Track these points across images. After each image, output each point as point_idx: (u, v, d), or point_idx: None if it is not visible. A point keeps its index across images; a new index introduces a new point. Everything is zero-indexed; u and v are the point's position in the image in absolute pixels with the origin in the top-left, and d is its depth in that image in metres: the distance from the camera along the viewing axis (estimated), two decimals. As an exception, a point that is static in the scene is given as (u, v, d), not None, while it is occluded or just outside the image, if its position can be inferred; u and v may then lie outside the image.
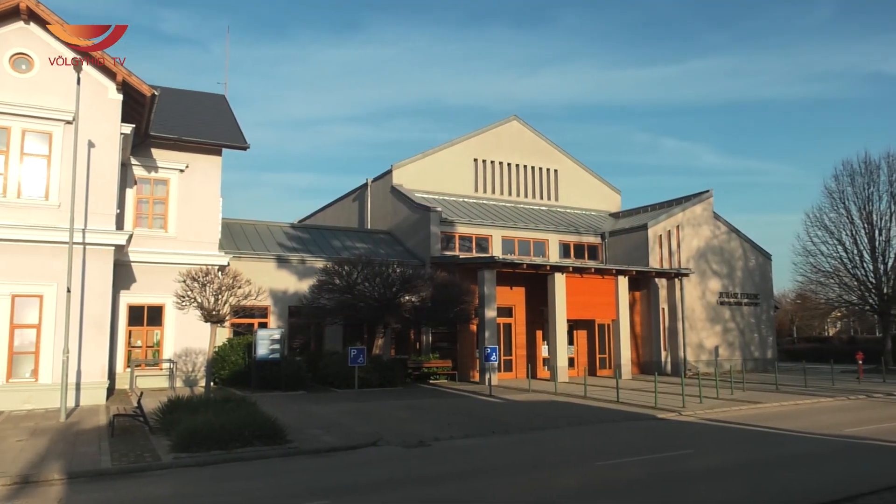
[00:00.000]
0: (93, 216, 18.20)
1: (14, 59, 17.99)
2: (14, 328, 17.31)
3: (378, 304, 22.75)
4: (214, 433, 11.77)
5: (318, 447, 12.33)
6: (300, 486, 9.75)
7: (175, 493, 9.40)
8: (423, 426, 14.71)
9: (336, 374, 22.05)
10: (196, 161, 22.95)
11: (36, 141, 18.06)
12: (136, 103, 19.74)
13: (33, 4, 17.61)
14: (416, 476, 10.42)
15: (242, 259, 24.19)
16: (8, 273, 17.17)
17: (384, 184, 32.98)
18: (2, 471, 10.17)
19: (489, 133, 34.39)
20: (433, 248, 27.94)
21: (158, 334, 21.96)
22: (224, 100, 28.29)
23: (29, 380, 17.32)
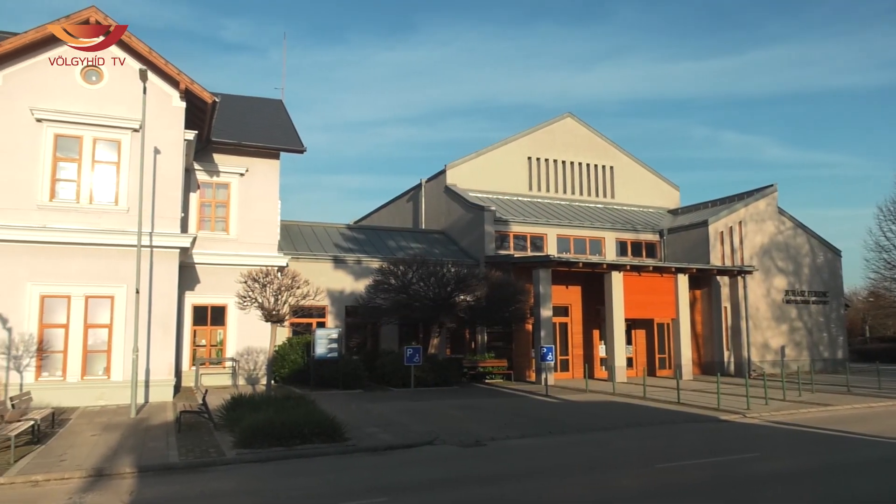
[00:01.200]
0: (159, 220, 18.91)
1: (85, 71, 18.86)
2: (88, 328, 18.15)
3: (433, 304, 22.86)
4: (275, 430, 12.06)
5: (375, 445, 12.48)
6: (358, 483, 9.89)
7: (239, 489, 9.66)
8: (480, 426, 14.70)
9: (392, 373, 22.27)
10: (255, 165, 23.58)
11: (106, 149, 18.89)
12: (198, 110, 20.40)
13: (101, 18, 18.41)
14: (472, 475, 10.42)
15: (300, 260, 24.69)
16: (82, 275, 18.02)
17: (438, 184, 33.12)
18: (78, 464, 10.70)
19: (543, 131, 34.10)
20: (487, 248, 27.89)
21: (221, 334, 22.66)
22: (281, 105, 28.94)
23: (102, 377, 18.12)
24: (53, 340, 17.84)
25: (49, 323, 17.82)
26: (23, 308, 17.45)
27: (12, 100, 17.97)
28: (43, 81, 18.33)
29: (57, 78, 18.50)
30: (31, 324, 17.53)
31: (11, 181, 17.71)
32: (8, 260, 17.34)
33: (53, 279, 17.80)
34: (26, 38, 17.91)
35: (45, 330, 17.74)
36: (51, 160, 18.24)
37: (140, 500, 8.94)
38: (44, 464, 10.76)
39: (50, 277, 17.76)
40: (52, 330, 17.84)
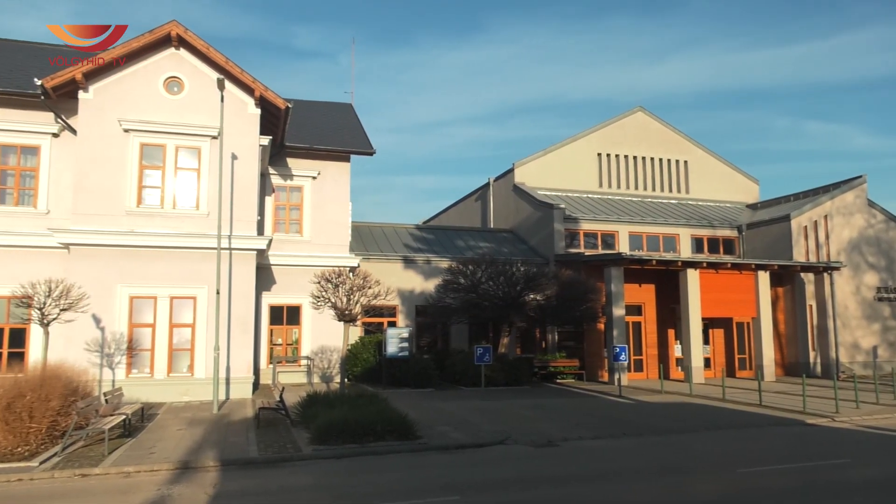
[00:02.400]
0: (237, 223, 19.63)
1: (167, 82, 19.77)
2: (173, 327, 19.03)
3: (502, 303, 22.78)
4: (349, 427, 12.30)
5: (446, 444, 12.54)
6: (431, 482, 9.96)
7: (315, 484, 9.91)
8: (551, 426, 14.55)
9: (462, 372, 22.33)
10: (327, 168, 24.15)
11: (187, 156, 19.75)
12: (272, 116, 21.05)
13: (182, 31, 19.29)
14: (545, 476, 10.31)
15: (371, 260, 25.10)
16: (166, 277, 18.91)
17: (506, 182, 32.98)
18: (166, 456, 11.23)
19: (613, 126, 33.42)
20: (557, 246, 27.57)
21: (297, 333, 23.31)
22: (351, 108, 29.51)
23: (185, 374, 18.96)
24: (141, 339, 18.81)
25: (137, 322, 18.79)
26: (114, 308, 18.47)
27: (102, 111, 19.04)
28: (129, 93, 19.34)
29: (142, 90, 19.48)
30: (122, 323, 18.53)
31: (102, 188, 18.77)
32: (101, 263, 18.39)
33: (141, 281, 18.77)
34: (114, 54, 18.95)
35: (134, 329, 18.72)
36: (137, 168, 19.23)
37: (223, 493, 9.29)
38: (134, 456, 11.35)
39: (138, 279, 18.73)
40: (140, 329, 18.81)
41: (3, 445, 11.30)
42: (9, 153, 19.70)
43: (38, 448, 11.55)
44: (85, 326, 17.91)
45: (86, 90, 18.96)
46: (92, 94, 19.04)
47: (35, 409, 11.59)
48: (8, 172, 19.71)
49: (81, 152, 18.85)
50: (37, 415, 11.60)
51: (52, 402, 11.93)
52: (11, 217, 19.29)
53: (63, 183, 19.49)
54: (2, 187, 19.57)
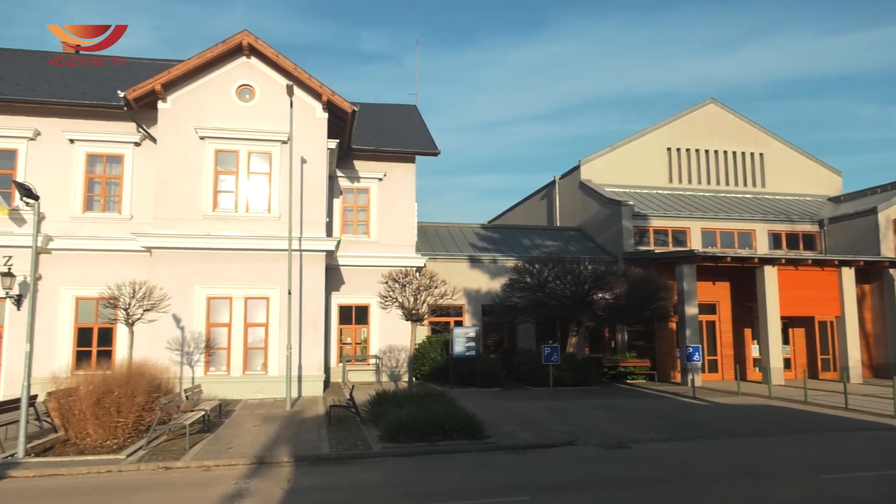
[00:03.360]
0: (307, 225, 20.13)
1: (240, 90, 20.47)
2: (247, 326, 19.70)
3: (570, 302, 22.49)
4: (418, 426, 12.41)
5: (515, 444, 12.47)
6: (499, 481, 9.92)
7: (385, 481, 10.04)
8: (622, 427, 14.26)
9: (530, 372, 22.17)
10: (392, 169, 24.47)
11: (259, 161, 20.40)
12: (339, 120, 21.49)
13: (253, 40, 19.93)
14: (616, 478, 10.11)
15: (437, 260, 25.25)
16: (241, 278, 19.59)
17: (572, 180, 32.54)
18: (242, 452, 11.63)
19: (683, 119, 32.45)
20: (626, 244, 27.00)
21: (365, 332, 23.71)
22: (416, 110, 29.78)
23: (260, 372, 19.59)
24: (218, 338, 19.55)
25: (214, 322, 19.54)
26: (193, 309, 19.27)
27: (179, 120, 19.90)
28: (204, 102, 20.14)
29: (216, 98, 20.24)
30: (200, 323, 19.31)
31: (181, 194, 19.62)
32: (180, 265, 19.22)
33: (217, 282, 19.50)
34: (189, 65, 19.77)
35: (211, 328, 19.48)
36: (213, 173, 19.99)
37: (297, 489, 9.54)
38: (213, 451, 11.80)
39: (214, 280, 19.48)
40: (217, 328, 19.55)
41: (94, 438, 11.98)
42: (95, 162, 20.86)
43: (125, 441, 12.17)
44: (166, 326, 18.77)
45: (164, 100, 19.86)
46: (170, 104, 19.93)
47: (122, 405, 12.23)
48: (95, 180, 20.87)
49: (161, 160, 19.76)
50: (124, 410, 12.24)
51: (138, 398, 12.55)
52: (99, 223, 20.42)
53: (145, 189, 20.48)
54: (90, 195, 20.72)
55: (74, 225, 20.19)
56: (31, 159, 20.22)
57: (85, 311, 20.10)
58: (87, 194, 20.65)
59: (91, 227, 20.29)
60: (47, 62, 24.14)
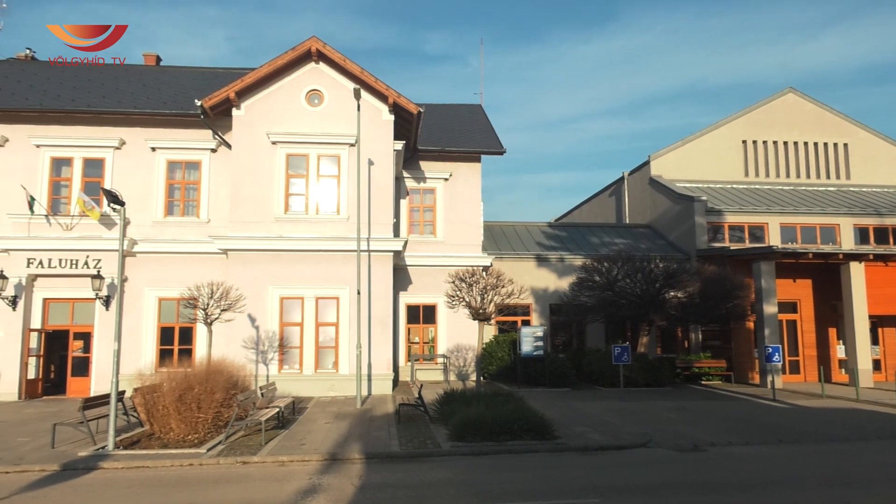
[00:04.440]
0: (375, 226, 20.44)
1: (309, 95, 20.99)
2: (318, 326, 20.17)
3: (640, 301, 21.97)
4: (486, 425, 12.39)
5: (585, 445, 12.28)
6: (570, 482, 9.79)
7: (454, 479, 10.06)
8: (697, 429, 13.81)
9: (600, 372, 21.80)
10: (458, 169, 24.55)
11: (328, 164, 20.86)
12: (404, 121, 21.72)
13: (321, 46, 20.40)
14: (691, 482, 9.80)
15: (504, 259, 25.16)
16: (311, 279, 20.09)
17: (642, 176, 31.78)
18: (315, 448, 11.91)
19: (759, 111, 31.14)
20: (699, 241, 26.15)
21: (433, 331, 23.88)
22: (481, 109, 29.77)
23: (331, 370, 20.02)
24: (291, 337, 20.10)
25: (287, 322, 20.10)
26: (266, 309, 19.88)
27: (252, 126, 20.58)
28: (275, 108, 20.76)
29: (286, 103, 20.83)
30: (273, 322, 19.91)
31: (255, 198, 20.29)
32: (255, 267, 19.88)
33: (289, 282, 20.07)
34: (261, 72, 20.41)
35: (284, 328, 20.05)
36: (284, 177, 20.58)
37: (368, 485, 9.70)
38: (287, 446, 12.14)
39: (286, 281, 20.04)
40: (289, 328, 20.11)
41: (176, 433, 12.53)
42: (175, 169, 21.82)
43: (205, 436, 12.67)
44: (242, 325, 19.45)
45: (238, 107, 20.58)
46: (243, 111, 20.63)
47: (202, 401, 12.73)
48: (175, 186, 21.84)
49: (236, 165, 20.49)
50: (203, 406, 12.74)
51: (217, 395, 13.03)
52: (179, 226, 21.35)
53: (221, 193, 21.29)
54: (170, 200, 21.70)
55: (156, 229, 21.19)
56: (117, 167, 21.35)
57: (167, 311, 21.07)
58: (168, 199, 21.63)
59: (171, 231, 21.25)
60: (129, 75, 25.45)
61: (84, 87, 23.47)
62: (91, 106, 21.52)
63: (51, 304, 20.80)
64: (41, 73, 24.63)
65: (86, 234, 20.52)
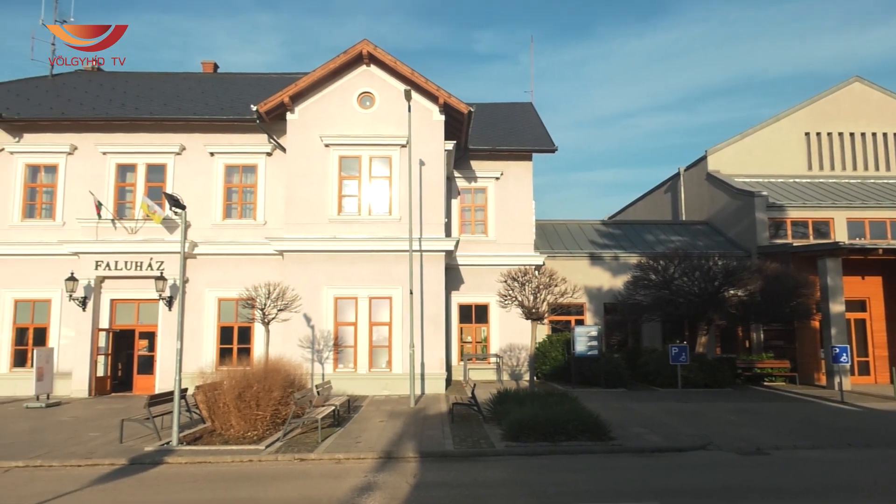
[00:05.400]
0: (426, 226, 20.53)
1: (360, 97, 21.25)
2: (372, 325, 20.40)
3: (698, 300, 21.41)
4: (541, 425, 12.29)
5: (642, 446, 12.05)
6: (627, 484, 9.62)
7: (508, 479, 10.02)
8: (759, 432, 13.37)
9: (656, 373, 21.35)
10: (509, 168, 24.43)
11: (379, 165, 21.07)
12: (455, 121, 21.75)
13: (371, 48, 20.62)
14: (755, 486, 9.49)
15: (556, 258, 24.92)
16: (365, 279, 20.33)
17: (698, 171, 30.97)
18: (370, 446, 12.05)
19: (823, 101, 29.93)
20: (759, 237, 25.32)
21: (485, 331, 23.83)
22: (531, 107, 29.55)
23: (384, 370, 20.22)
24: (345, 336, 20.39)
25: (341, 321, 20.40)
26: (321, 309, 20.22)
27: (306, 130, 20.96)
28: (327, 111, 21.09)
29: (338, 106, 21.14)
30: (328, 322, 20.24)
31: (309, 200, 20.66)
32: (310, 267, 20.25)
33: (343, 283, 20.36)
34: (314, 76, 20.77)
35: (338, 327, 20.35)
36: (337, 179, 20.89)
37: (423, 483, 9.75)
38: (343, 444, 12.31)
39: (340, 281, 20.34)
40: (343, 327, 20.40)
41: (236, 430, 12.87)
42: (233, 173, 22.42)
43: (263, 433, 12.97)
44: (297, 325, 19.84)
45: (292, 111, 20.99)
46: (297, 115, 21.04)
47: (261, 399, 13.04)
48: (233, 189, 22.43)
49: (290, 168, 20.92)
50: (262, 403, 13.04)
51: (275, 393, 13.33)
52: (237, 229, 21.93)
53: (276, 196, 21.76)
54: (228, 203, 22.30)
55: (215, 231, 21.81)
56: (178, 172, 22.07)
57: (226, 311, 21.66)
58: (226, 202, 22.23)
59: (230, 233, 21.84)
60: (189, 82, 26.29)
61: (146, 95, 24.37)
62: (153, 113, 22.33)
63: (118, 305, 21.66)
64: (107, 84, 25.70)
65: (149, 237, 21.29)
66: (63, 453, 11.73)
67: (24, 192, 22.12)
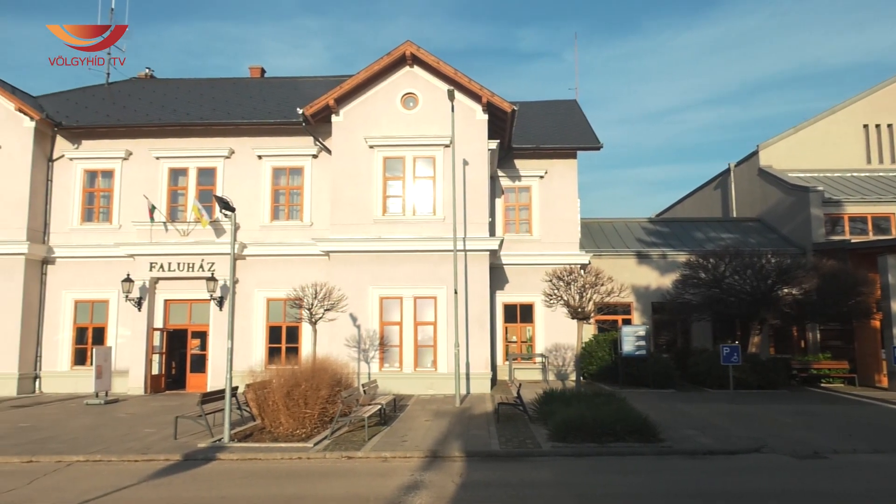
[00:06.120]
0: (470, 226, 20.52)
1: (404, 98, 21.38)
2: (417, 325, 20.50)
3: (751, 299, 20.83)
4: (588, 426, 12.14)
5: (693, 448, 11.78)
6: (676, 487, 9.42)
7: (555, 480, 9.93)
8: (816, 435, 12.93)
9: (707, 373, 20.86)
10: (553, 166, 24.22)
11: (423, 165, 21.16)
12: (498, 120, 21.67)
13: (415, 49, 20.72)
14: (811, 491, 9.18)
15: (602, 257, 24.60)
16: (409, 278, 20.44)
17: (749, 167, 30.15)
18: (416, 445, 12.10)
19: (883, 92, 28.77)
20: (815, 234, 24.50)
21: (530, 330, 23.69)
22: (576, 104, 29.24)
23: (430, 369, 20.29)
24: (391, 336, 20.55)
25: (387, 321, 20.56)
26: (367, 308, 20.42)
27: (351, 132, 21.20)
28: (372, 113, 21.29)
29: (382, 108, 21.31)
30: (374, 322, 20.42)
31: (354, 201, 20.89)
32: (356, 268, 20.47)
33: (388, 283, 20.52)
34: (358, 79, 20.99)
35: (384, 327, 20.52)
36: (381, 180, 21.07)
37: (469, 483, 9.74)
38: (390, 443, 12.41)
39: (385, 281, 20.51)
40: (389, 327, 20.56)
41: (285, 427, 13.09)
42: (280, 175, 22.84)
43: (311, 431, 13.17)
44: (344, 324, 20.08)
45: (337, 114, 21.26)
46: (342, 117, 21.30)
47: (308, 397, 13.24)
48: (280, 192, 22.85)
49: (336, 169, 21.19)
50: (310, 402, 13.24)
51: (322, 392, 13.51)
52: (284, 230, 22.33)
53: (322, 197, 22.07)
54: (276, 205, 22.72)
55: (263, 233, 22.25)
56: (227, 175, 22.60)
57: (274, 311, 22.07)
58: (274, 204, 22.66)
59: (277, 235, 22.25)
60: (237, 87, 26.89)
61: (197, 101, 25.04)
62: (203, 119, 22.92)
63: (171, 305, 22.31)
64: (159, 90, 26.50)
65: (201, 238, 21.85)
66: (121, 449, 12.14)
67: (83, 197, 22.98)
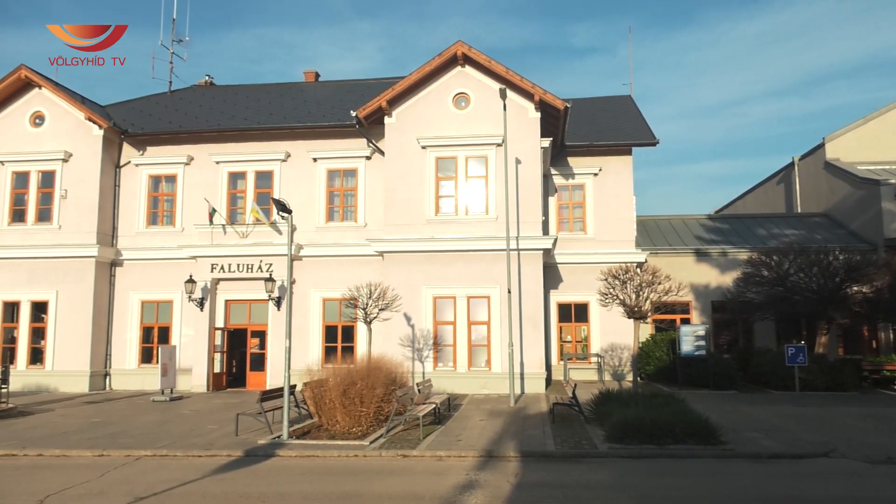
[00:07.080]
0: (523, 225, 20.41)
1: (456, 98, 21.42)
2: (470, 324, 20.50)
3: (817, 297, 20.03)
4: (645, 427, 11.89)
5: (756, 452, 11.40)
6: (739, 491, 9.13)
7: (613, 482, 9.77)
8: (890, 440, 12.32)
9: (770, 374, 20.16)
10: (608, 163, 23.84)
11: (475, 165, 21.15)
12: (551, 118, 21.47)
13: (466, 49, 20.74)
14: (888, 498, 8.75)
15: (659, 255, 24.07)
16: (462, 278, 20.47)
17: (815, 160, 28.99)
18: (471, 444, 12.10)
19: (959, 78, 27.22)
20: (887, 229, 23.36)
21: (585, 330, 23.38)
22: (630, 100, 28.71)
23: (483, 368, 20.27)
24: (444, 335, 20.62)
25: (440, 320, 20.64)
26: (420, 308, 20.55)
27: (403, 133, 21.37)
28: (424, 113, 21.41)
29: (434, 108, 21.41)
30: (427, 321, 20.53)
31: (407, 201, 21.06)
32: (409, 268, 20.63)
33: (441, 282, 20.59)
34: (410, 80, 21.14)
35: (437, 326, 20.61)
36: (434, 180, 21.16)
37: (524, 483, 9.68)
38: (444, 442, 12.44)
39: (439, 281, 20.59)
40: (442, 326, 20.63)
41: (342, 425, 13.30)
42: (334, 177, 23.21)
43: (367, 429, 13.33)
44: (398, 324, 20.25)
45: (389, 115, 21.46)
46: (394, 118, 21.49)
47: (364, 396, 13.41)
48: (334, 193, 23.22)
49: (388, 170, 21.40)
50: (365, 400, 13.41)
51: (377, 391, 13.67)
52: (339, 231, 22.69)
53: (375, 198, 22.33)
54: (331, 206, 23.11)
55: (319, 234, 22.66)
56: (284, 178, 23.13)
57: (330, 311, 22.45)
58: (329, 206, 23.05)
59: (332, 235, 22.63)
60: (292, 92, 27.46)
61: (254, 106, 25.70)
62: (261, 123, 23.51)
63: (231, 305, 22.97)
64: (218, 97, 27.32)
65: (259, 240, 22.41)
66: (185, 444, 12.56)
67: (148, 202, 23.89)
